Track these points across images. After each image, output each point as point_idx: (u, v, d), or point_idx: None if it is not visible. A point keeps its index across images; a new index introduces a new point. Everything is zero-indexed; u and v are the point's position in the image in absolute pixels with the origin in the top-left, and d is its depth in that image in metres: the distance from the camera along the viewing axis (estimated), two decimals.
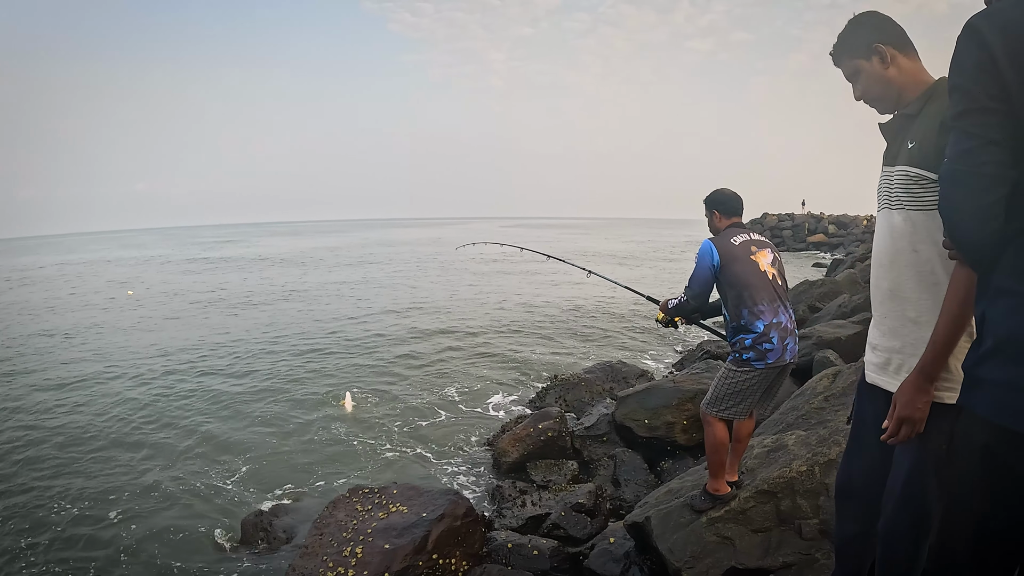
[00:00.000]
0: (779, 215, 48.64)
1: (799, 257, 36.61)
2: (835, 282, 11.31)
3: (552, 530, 4.92)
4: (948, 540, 1.52)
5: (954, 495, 1.49)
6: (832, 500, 3.24)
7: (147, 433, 7.79)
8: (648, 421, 6.39)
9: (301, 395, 9.29)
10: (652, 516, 3.77)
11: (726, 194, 3.73)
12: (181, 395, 9.44)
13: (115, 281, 28.77)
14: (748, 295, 3.43)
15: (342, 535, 4.33)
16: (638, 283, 5.13)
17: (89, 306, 19.75)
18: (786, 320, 3.48)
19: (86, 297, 22.54)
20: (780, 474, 3.43)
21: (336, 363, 11.13)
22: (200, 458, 7.00)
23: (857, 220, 42.99)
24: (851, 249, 33.08)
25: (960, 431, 1.44)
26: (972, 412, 1.39)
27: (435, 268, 31.04)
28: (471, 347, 12.51)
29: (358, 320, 15.92)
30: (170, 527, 5.47)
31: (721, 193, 3.74)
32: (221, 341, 13.47)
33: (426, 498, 4.75)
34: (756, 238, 3.64)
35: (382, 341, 13.03)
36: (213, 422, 8.17)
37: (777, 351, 3.40)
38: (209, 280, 28.08)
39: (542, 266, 29.04)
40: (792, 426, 4.24)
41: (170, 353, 12.30)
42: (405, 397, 9.06)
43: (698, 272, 3.55)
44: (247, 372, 10.80)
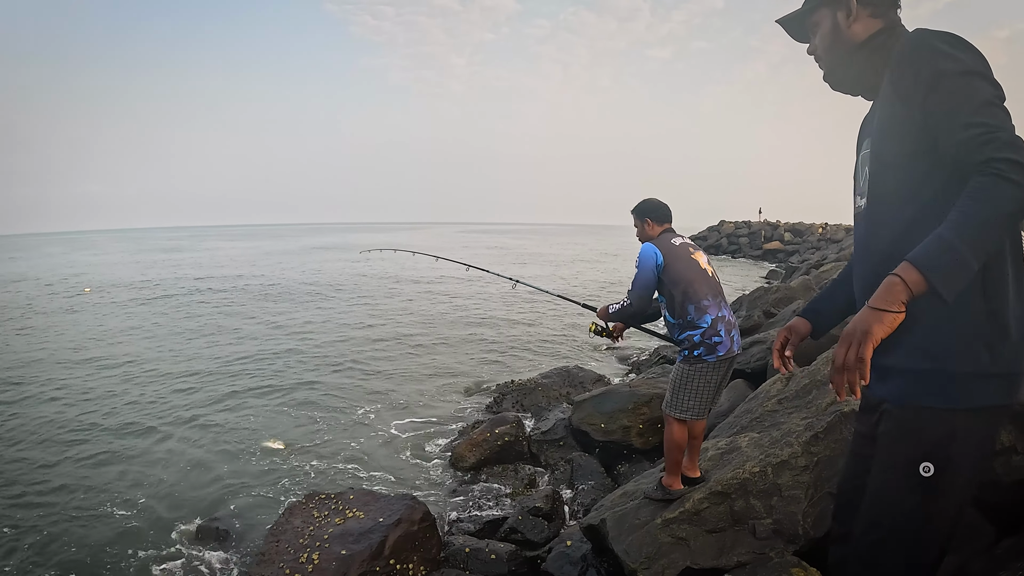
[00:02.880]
0: (736, 223, 49.41)
1: (759, 265, 37.27)
2: (790, 288, 11.53)
3: (509, 534, 4.93)
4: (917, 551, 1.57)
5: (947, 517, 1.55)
6: (785, 500, 3.33)
7: (91, 436, 7.57)
8: (604, 425, 6.45)
9: (254, 401, 9.12)
10: (608, 518, 3.80)
11: (657, 202, 3.87)
12: (134, 400, 9.18)
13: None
14: (693, 291, 3.55)
15: (299, 541, 4.28)
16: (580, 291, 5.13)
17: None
18: (728, 314, 3.64)
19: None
20: (734, 475, 3.49)
21: (283, 373, 10.94)
22: (152, 463, 6.81)
23: (812, 228, 43.90)
24: (806, 256, 33.76)
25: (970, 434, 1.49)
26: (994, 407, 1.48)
27: (371, 277, 30.85)
28: (422, 354, 12.44)
29: (303, 327, 15.72)
30: (119, 534, 5.31)
31: (652, 201, 3.87)
32: (176, 346, 13.18)
33: (383, 503, 4.72)
34: (689, 241, 3.82)
35: (329, 351, 12.84)
36: (163, 427, 7.97)
37: (726, 343, 3.53)
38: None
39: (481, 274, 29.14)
40: (746, 428, 4.32)
41: (120, 359, 11.99)
42: (360, 404, 8.96)
43: (642, 274, 3.63)
44: (202, 375, 10.57)
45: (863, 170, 1.71)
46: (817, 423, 3.59)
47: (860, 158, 1.75)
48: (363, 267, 32.74)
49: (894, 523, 1.58)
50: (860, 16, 1.70)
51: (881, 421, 1.62)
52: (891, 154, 1.58)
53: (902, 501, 1.55)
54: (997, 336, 1.45)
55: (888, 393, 1.59)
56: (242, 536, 5.23)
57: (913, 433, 1.53)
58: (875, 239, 1.65)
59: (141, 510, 5.73)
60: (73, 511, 5.71)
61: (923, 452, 1.50)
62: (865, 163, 1.69)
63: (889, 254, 1.50)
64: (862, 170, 1.72)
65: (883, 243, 1.60)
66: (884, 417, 1.60)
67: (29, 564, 4.88)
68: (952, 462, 1.49)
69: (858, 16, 1.70)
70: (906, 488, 1.53)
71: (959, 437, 1.48)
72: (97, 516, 5.62)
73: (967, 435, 1.48)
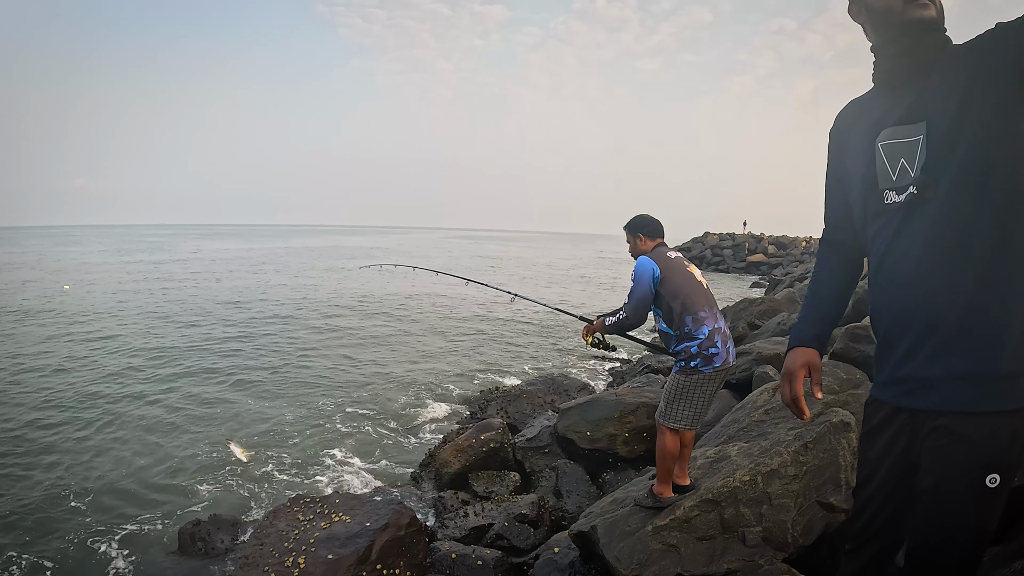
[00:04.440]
0: (720, 235, 49.67)
1: (743, 278, 37.48)
2: (774, 300, 11.65)
3: (495, 540, 4.92)
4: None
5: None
6: (774, 509, 3.36)
7: (73, 436, 7.47)
8: (590, 433, 6.45)
9: (237, 405, 9.05)
10: (598, 525, 3.81)
11: (649, 218, 3.91)
12: (114, 398, 9.08)
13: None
14: (691, 303, 3.58)
15: (283, 545, 4.24)
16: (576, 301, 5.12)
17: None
18: (723, 325, 3.69)
19: None
20: (724, 483, 3.51)
21: (268, 377, 10.87)
22: (134, 463, 6.74)
23: (796, 241, 44.29)
24: (789, 269, 34.03)
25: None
26: None
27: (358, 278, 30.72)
28: (406, 359, 12.42)
29: (288, 330, 15.63)
30: (101, 537, 5.26)
31: (644, 217, 3.91)
32: (159, 344, 13.04)
33: (369, 507, 4.70)
34: (681, 255, 3.86)
35: (314, 355, 12.78)
36: (141, 429, 7.88)
37: (722, 355, 3.56)
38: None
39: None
40: (734, 438, 4.34)
41: (97, 353, 11.84)
42: (344, 408, 8.93)
43: (638, 287, 3.65)
44: (187, 375, 10.48)
45: (901, 160, 1.59)
46: (806, 433, 3.63)
47: (887, 147, 1.63)
48: (356, 277, 32.56)
49: (955, 536, 1.53)
50: None
51: (929, 436, 1.55)
52: (979, 135, 1.45)
53: (967, 514, 1.51)
54: None
55: (939, 402, 1.53)
56: (225, 539, 5.17)
57: (978, 444, 1.47)
58: (946, 234, 1.51)
59: (121, 513, 5.67)
60: (44, 514, 5.63)
61: (989, 462, 1.46)
62: (911, 152, 1.57)
63: (972, 249, 1.46)
64: (895, 161, 1.61)
65: (960, 237, 1.48)
66: (937, 432, 1.53)
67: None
68: (1012, 466, 1.48)
69: None
70: (969, 500, 1.49)
71: (1018, 438, 1.47)
72: (72, 518, 5.55)
73: (1021, 435, 1.47)
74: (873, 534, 1.76)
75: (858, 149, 1.73)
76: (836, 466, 3.50)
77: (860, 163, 1.72)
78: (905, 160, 1.58)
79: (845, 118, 1.82)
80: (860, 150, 1.72)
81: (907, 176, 1.57)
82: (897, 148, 1.60)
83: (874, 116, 1.69)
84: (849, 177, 1.79)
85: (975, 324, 1.47)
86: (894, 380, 1.63)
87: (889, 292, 1.64)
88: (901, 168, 1.59)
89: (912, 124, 1.57)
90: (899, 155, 1.59)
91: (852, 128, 1.77)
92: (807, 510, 3.40)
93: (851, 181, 1.78)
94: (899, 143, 1.60)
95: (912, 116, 1.57)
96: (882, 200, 1.64)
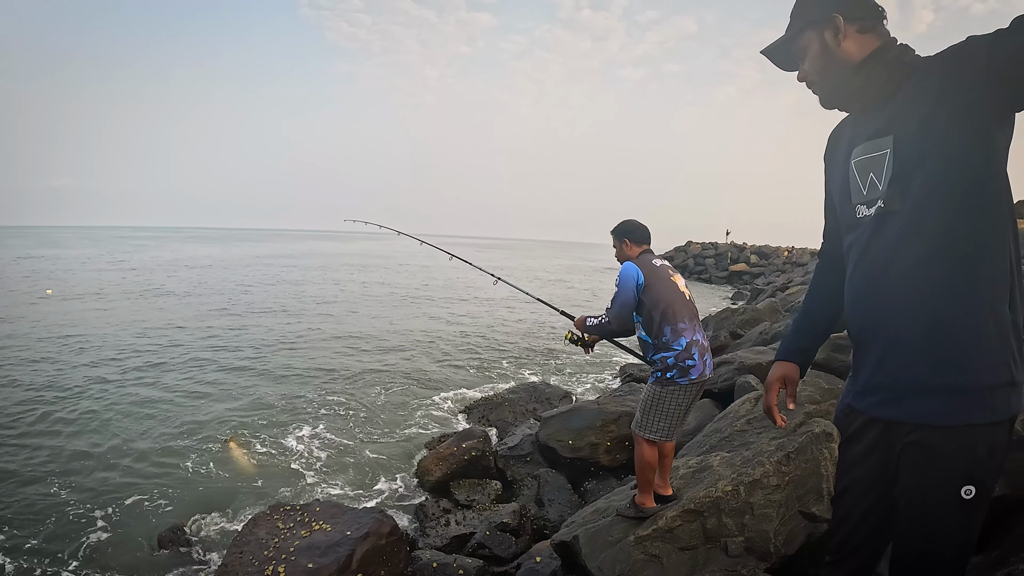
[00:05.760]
0: (703, 244, 50.01)
1: (721, 289, 37.71)
2: (756, 310, 11.73)
3: (477, 549, 4.89)
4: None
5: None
6: (757, 519, 3.36)
7: (36, 439, 7.35)
8: (572, 442, 6.45)
9: (214, 409, 8.95)
10: (580, 535, 3.80)
11: (636, 223, 3.91)
12: (92, 398, 8.95)
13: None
14: (671, 313, 3.58)
15: (263, 553, 4.19)
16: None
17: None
18: (702, 338, 3.69)
19: None
20: (706, 494, 3.51)
21: (247, 382, 10.76)
22: (111, 469, 6.63)
23: (778, 251, 44.63)
24: (771, 279, 34.27)
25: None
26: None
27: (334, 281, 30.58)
28: (389, 365, 12.34)
29: (268, 334, 15.50)
30: (76, 544, 5.16)
31: (631, 223, 3.91)
32: (139, 346, 12.87)
33: (350, 516, 4.65)
34: (668, 264, 3.87)
35: (294, 359, 12.69)
36: (125, 430, 7.77)
37: (699, 367, 3.56)
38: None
39: (445, 282, 29.06)
40: (716, 448, 4.35)
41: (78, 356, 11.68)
42: (324, 415, 8.85)
43: (622, 293, 3.65)
44: (162, 381, 10.35)
45: (871, 175, 1.63)
46: (788, 443, 3.64)
47: (858, 163, 1.67)
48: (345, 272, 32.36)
49: (937, 547, 1.56)
50: (849, 33, 1.66)
51: (905, 449, 1.57)
52: (942, 147, 1.47)
53: (945, 525, 1.53)
54: (1018, 346, 1.48)
55: (914, 414, 1.55)
56: (203, 546, 5.10)
57: (951, 457, 1.50)
58: (911, 244, 1.53)
59: (97, 519, 5.57)
60: (15, 519, 5.53)
61: (963, 475, 1.49)
62: (879, 166, 1.61)
63: (936, 259, 1.49)
64: (865, 176, 1.65)
65: (926, 247, 1.51)
66: (912, 445, 1.55)
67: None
68: (989, 477, 1.50)
69: (847, 34, 1.66)
70: (947, 512, 1.52)
71: (995, 451, 1.49)
72: (43, 523, 5.45)
73: (999, 447, 1.49)
74: (854, 546, 1.77)
75: (838, 167, 1.78)
76: (818, 476, 3.51)
77: (838, 180, 1.77)
78: (874, 175, 1.62)
79: (832, 139, 1.86)
80: (839, 168, 1.77)
81: (876, 190, 1.61)
82: (867, 163, 1.64)
83: (851, 134, 1.74)
84: (832, 194, 1.84)
85: (941, 335, 1.49)
86: (867, 389, 1.66)
87: (859, 302, 1.68)
88: (871, 182, 1.63)
89: (880, 138, 1.61)
90: (869, 170, 1.64)
91: (835, 147, 1.82)
92: (789, 520, 3.41)
93: (834, 197, 1.83)
94: (869, 158, 1.64)
95: (881, 131, 1.61)
96: (855, 214, 1.69)
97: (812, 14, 1.71)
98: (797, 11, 1.77)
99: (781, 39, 1.81)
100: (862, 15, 1.67)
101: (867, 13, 1.67)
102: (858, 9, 1.67)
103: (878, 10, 1.68)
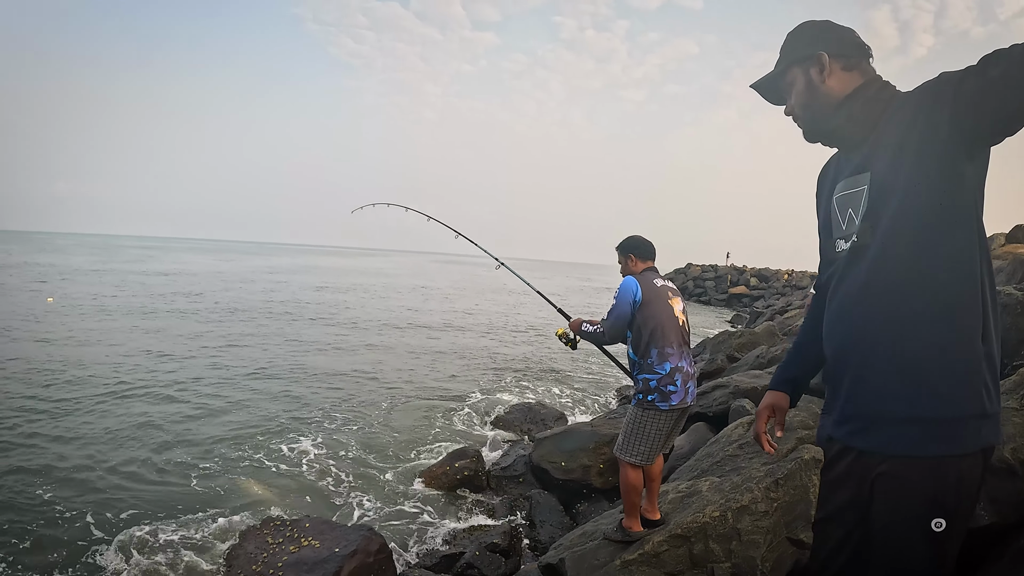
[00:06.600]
0: (703, 266, 50.01)
1: (719, 312, 37.66)
2: (754, 333, 11.71)
3: (466, 569, 4.86)
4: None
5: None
6: (744, 545, 3.35)
7: (35, 447, 7.33)
8: (564, 463, 6.44)
9: (203, 424, 8.92)
10: (567, 558, 3.79)
11: (641, 239, 3.93)
12: (87, 410, 8.92)
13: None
14: (660, 335, 3.59)
15: (251, 568, 4.19)
16: None
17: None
18: (687, 366, 3.68)
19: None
20: (694, 519, 3.51)
21: (232, 394, 10.74)
22: (104, 480, 6.60)
23: (778, 274, 44.58)
24: (771, 302, 34.21)
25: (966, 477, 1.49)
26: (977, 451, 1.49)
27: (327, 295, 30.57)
28: (384, 378, 12.34)
29: (263, 343, 15.49)
30: (61, 554, 5.14)
31: (636, 238, 3.93)
32: (139, 356, 12.86)
33: (339, 533, 4.65)
34: (671, 285, 3.89)
35: (284, 373, 12.68)
36: (122, 441, 7.75)
37: (680, 393, 3.57)
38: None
39: (440, 288, 29.06)
40: (706, 472, 4.35)
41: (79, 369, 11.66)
42: (313, 432, 8.80)
43: (619, 307, 3.67)
44: (160, 392, 10.32)
45: (849, 211, 1.67)
46: (778, 469, 3.64)
47: (839, 199, 1.72)
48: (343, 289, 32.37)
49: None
50: (834, 70, 1.70)
51: (877, 480, 1.56)
52: (910, 181, 1.50)
53: (915, 557, 1.52)
54: (991, 377, 1.49)
55: (885, 444, 1.55)
56: (191, 560, 5.07)
57: (920, 488, 1.50)
58: (880, 277, 1.56)
59: (80, 530, 5.54)
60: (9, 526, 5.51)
61: (932, 507, 1.48)
62: (856, 201, 1.64)
63: (902, 291, 1.51)
64: (844, 212, 1.69)
65: (892, 279, 1.53)
66: (882, 478, 1.55)
67: None
68: (960, 509, 1.49)
69: (832, 71, 1.70)
70: (917, 544, 1.51)
71: (965, 482, 1.48)
72: (32, 532, 5.42)
73: (971, 479, 1.49)
74: (832, 574, 1.77)
75: (824, 203, 1.82)
76: (807, 502, 3.51)
77: (823, 216, 1.82)
78: (852, 210, 1.66)
79: (821, 175, 1.90)
80: (824, 204, 1.82)
81: (853, 225, 1.65)
82: (846, 199, 1.68)
83: (835, 172, 1.79)
84: (820, 229, 1.87)
85: (909, 367, 1.50)
86: (842, 418, 1.67)
87: (832, 334, 1.71)
88: (848, 217, 1.67)
89: (859, 175, 1.65)
90: (848, 206, 1.68)
91: (823, 184, 1.87)
92: (777, 546, 3.41)
93: (820, 233, 1.86)
94: (848, 194, 1.68)
95: (860, 167, 1.65)
96: (834, 248, 1.74)
97: (800, 51, 1.76)
98: (786, 48, 1.82)
99: (770, 74, 1.85)
100: (847, 53, 1.71)
101: (852, 51, 1.71)
102: (844, 47, 1.71)
103: (864, 48, 1.72)
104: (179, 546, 5.21)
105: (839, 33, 1.74)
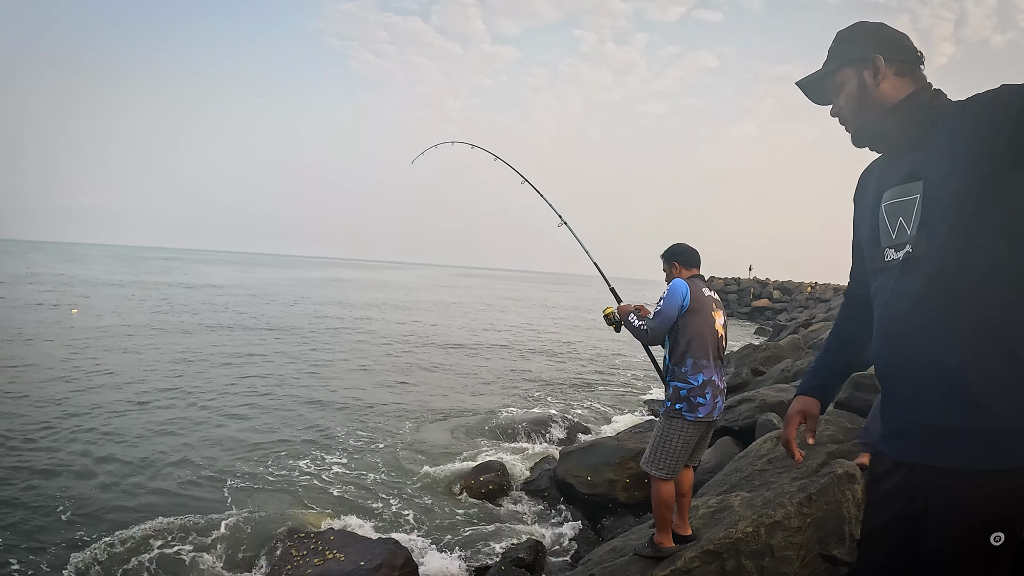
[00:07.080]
0: (725, 279, 49.60)
1: (742, 326, 37.31)
2: (779, 347, 11.60)
3: None
4: None
5: None
6: (777, 561, 3.29)
7: (52, 454, 7.38)
8: (590, 478, 6.39)
9: (242, 435, 8.95)
10: (596, 574, 3.74)
11: (685, 246, 3.89)
12: (107, 423, 8.98)
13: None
14: (699, 346, 3.55)
15: None
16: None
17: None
18: (719, 380, 3.64)
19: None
20: (726, 535, 3.45)
21: (259, 405, 10.78)
22: (128, 490, 6.65)
23: (801, 287, 44.14)
24: (794, 315, 33.84)
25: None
26: None
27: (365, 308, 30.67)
28: (407, 392, 12.34)
29: (291, 355, 15.56)
30: (92, 558, 5.16)
31: (681, 246, 3.89)
32: (166, 368, 12.96)
33: (363, 546, 4.63)
34: (715, 296, 3.82)
35: (319, 386, 12.73)
36: (139, 452, 7.78)
37: (708, 407, 3.53)
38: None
39: (477, 299, 29.06)
40: (736, 487, 4.29)
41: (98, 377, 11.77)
42: (337, 445, 8.82)
43: (666, 309, 3.61)
44: (184, 405, 10.38)
45: (900, 219, 1.63)
46: (810, 485, 3.57)
47: (888, 207, 1.67)
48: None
49: None
50: (888, 75, 1.67)
51: (932, 495, 1.52)
52: (967, 194, 1.46)
53: (973, 572, 1.48)
54: None
55: (939, 459, 1.51)
56: (217, 572, 5.07)
57: (979, 503, 1.46)
58: (934, 290, 1.53)
59: (102, 535, 5.56)
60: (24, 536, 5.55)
61: (992, 521, 1.44)
62: (908, 210, 1.60)
63: (957, 305, 1.48)
64: (895, 220, 1.65)
65: (947, 293, 1.50)
66: (937, 492, 1.51)
67: None
68: (1017, 523, 1.44)
69: (886, 75, 1.67)
70: (976, 559, 1.47)
71: (1021, 495, 1.44)
72: (57, 542, 5.45)
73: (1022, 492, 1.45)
74: None
75: (867, 209, 1.78)
76: (840, 518, 3.44)
77: (867, 222, 1.77)
78: (903, 219, 1.61)
79: (862, 180, 1.86)
80: (869, 210, 1.77)
81: (904, 234, 1.61)
82: (897, 207, 1.64)
83: (882, 178, 1.73)
84: (861, 236, 1.83)
85: (962, 381, 1.47)
86: (893, 433, 1.63)
87: (885, 347, 1.66)
88: (899, 227, 1.62)
89: (912, 183, 1.60)
90: (898, 214, 1.63)
91: (865, 189, 1.82)
92: (810, 563, 3.34)
93: (862, 240, 1.82)
94: (899, 202, 1.64)
95: (912, 175, 1.61)
96: (883, 257, 1.69)
97: (853, 52, 1.72)
98: (837, 47, 1.78)
99: (818, 73, 1.81)
100: (902, 58, 1.68)
101: (907, 56, 1.68)
102: (899, 52, 1.68)
103: (917, 54, 1.70)
104: (204, 558, 5.21)
105: (894, 37, 1.71)
